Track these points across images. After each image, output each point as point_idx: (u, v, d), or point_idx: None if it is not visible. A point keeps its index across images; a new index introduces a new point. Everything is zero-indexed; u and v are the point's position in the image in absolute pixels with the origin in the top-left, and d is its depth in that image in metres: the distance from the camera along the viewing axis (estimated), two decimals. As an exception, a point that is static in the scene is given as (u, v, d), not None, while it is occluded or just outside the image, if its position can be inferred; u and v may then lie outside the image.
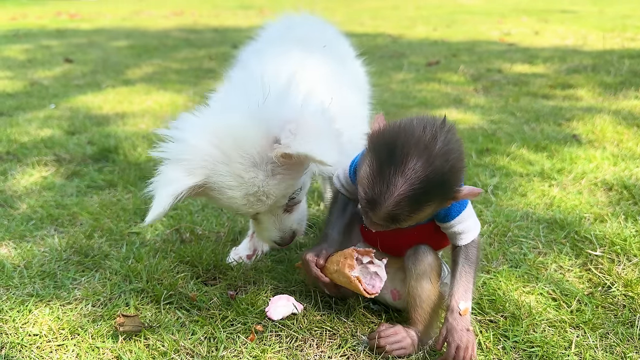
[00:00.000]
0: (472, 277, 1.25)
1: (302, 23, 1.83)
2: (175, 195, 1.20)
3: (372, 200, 1.07)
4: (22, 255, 1.72)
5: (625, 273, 1.56)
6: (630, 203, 2.02)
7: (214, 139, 1.21)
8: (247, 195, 1.23)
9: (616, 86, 3.93)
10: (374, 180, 1.06)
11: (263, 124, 1.21)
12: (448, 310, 1.23)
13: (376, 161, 1.06)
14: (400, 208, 1.05)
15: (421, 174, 1.02)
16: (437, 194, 1.06)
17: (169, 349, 1.27)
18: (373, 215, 1.10)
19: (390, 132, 1.09)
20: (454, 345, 1.18)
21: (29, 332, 1.34)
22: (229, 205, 1.28)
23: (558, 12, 10.29)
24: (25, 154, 2.67)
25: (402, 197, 1.03)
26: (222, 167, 1.21)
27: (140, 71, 5.11)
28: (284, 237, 1.39)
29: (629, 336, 1.32)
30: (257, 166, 1.22)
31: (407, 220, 1.08)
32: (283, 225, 1.37)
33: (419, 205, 1.06)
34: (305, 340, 1.32)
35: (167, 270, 1.59)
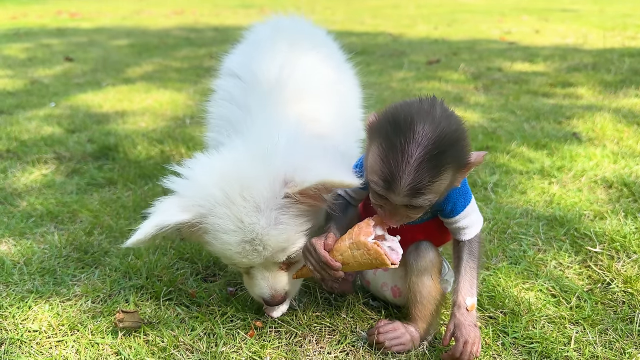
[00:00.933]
0: (477, 272, 1.25)
1: (291, 26, 1.80)
2: (160, 227, 1.17)
3: (390, 177, 1.02)
4: (21, 252, 1.72)
5: (625, 270, 1.56)
6: (630, 200, 2.02)
7: (220, 181, 1.18)
8: (244, 242, 1.17)
9: (616, 84, 3.92)
10: (387, 155, 1.02)
11: (272, 169, 1.17)
12: (455, 305, 1.23)
13: (383, 140, 1.03)
14: (420, 174, 1.01)
15: (432, 135, 1.00)
16: (452, 153, 1.03)
17: (169, 345, 1.27)
18: (393, 195, 1.04)
19: (388, 112, 1.07)
20: (462, 341, 1.19)
21: (29, 328, 1.35)
22: (222, 253, 1.22)
23: (558, 11, 10.28)
24: (26, 152, 2.68)
25: (419, 162, 1.00)
26: (222, 210, 1.17)
27: (141, 70, 5.11)
28: (274, 296, 1.28)
29: (629, 332, 1.32)
30: (260, 212, 1.16)
31: (429, 190, 1.03)
32: (275, 282, 1.27)
33: (438, 167, 1.01)
34: (304, 336, 1.32)
35: (166, 266, 1.59)
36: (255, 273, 1.27)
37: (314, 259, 1.19)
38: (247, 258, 1.20)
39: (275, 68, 1.43)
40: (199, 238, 1.25)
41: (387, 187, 1.04)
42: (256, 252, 1.19)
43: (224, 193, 1.17)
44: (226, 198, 1.17)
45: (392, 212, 1.11)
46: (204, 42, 6.93)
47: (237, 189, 1.16)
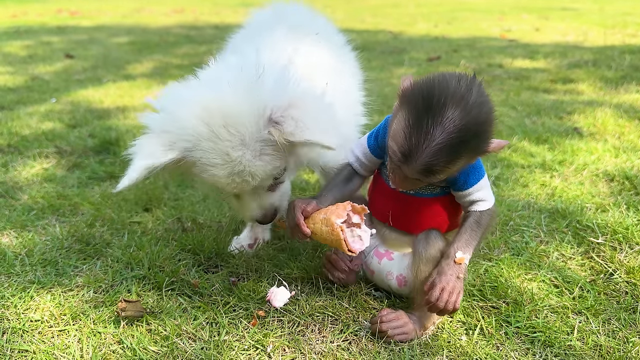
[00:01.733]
0: (477, 237, 1.24)
1: (292, 11, 1.81)
2: (150, 169, 1.17)
3: (409, 152, 1.05)
4: (23, 244, 1.72)
5: (628, 260, 1.56)
6: (632, 193, 2.02)
7: (203, 114, 1.17)
8: (232, 174, 1.20)
9: (617, 80, 3.92)
10: (410, 131, 1.04)
11: (258, 104, 1.18)
12: (443, 256, 1.23)
13: (413, 114, 1.05)
14: (437, 158, 1.03)
15: (459, 123, 1.01)
16: (473, 145, 1.06)
17: (171, 334, 1.27)
18: (407, 168, 1.08)
19: (425, 85, 1.08)
20: (439, 287, 1.18)
21: (31, 317, 1.34)
22: (212, 184, 1.26)
23: (559, 10, 10.28)
24: (27, 147, 2.67)
25: (440, 147, 1.02)
26: (207, 144, 1.17)
27: (141, 66, 5.11)
28: (265, 215, 1.35)
29: (632, 321, 1.32)
30: (246, 145, 1.18)
31: (441, 172, 1.07)
32: (264, 202, 1.34)
33: (455, 155, 1.04)
34: (307, 325, 1.32)
35: (168, 257, 1.59)
36: (244, 197, 1.32)
37: (290, 219, 1.27)
38: (237, 188, 1.24)
39: (276, 52, 1.42)
40: (184, 171, 1.27)
41: (403, 160, 1.07)
42: (245, 182, 1.22)
43: (209, 128, 1.16)
44: (211, 132, 1.16)
45: (402, 179, 1.14)
46: (204, 39, 6.92)
47: (221, 123, 1.16)
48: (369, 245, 1.44)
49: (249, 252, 1.66)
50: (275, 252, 1.66)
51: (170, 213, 1.94)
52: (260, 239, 1.73)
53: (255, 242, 1.71)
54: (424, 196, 1.28)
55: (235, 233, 1.78)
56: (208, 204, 2.02)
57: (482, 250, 1.65)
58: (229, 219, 1.89)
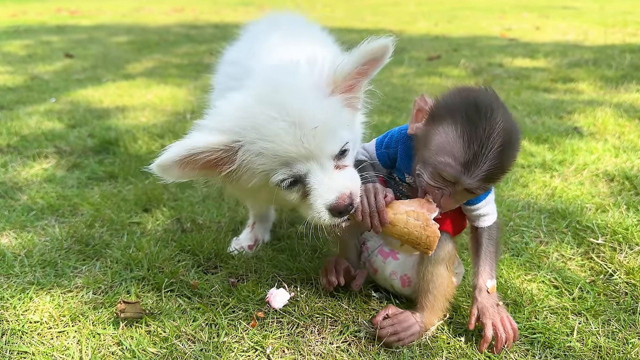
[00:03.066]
0: (496, 256, 1.28)
1: (286, 21, 1.80)
2: (189, 149, 1.07)
3: (473, 159, 1.05)
4: (22, 244, 1.71)
5: (627, 261, 1.55)
6: (632, 194, 2.01)
7: (245, 100, 1.12)
8: (292, 126, 1.07)
9: (617, 80, 3.92)
10: (469, 139, 1.04)
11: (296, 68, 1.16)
12: (476, 289, 1.26)
13: (464, 124, 1.05)
14: (500, 163, 1.05)
15: (508, 127, 1.05)
16: (519, 148, 1.11)
17: (170, 335, 1.26)
18: (468, 178, 1.06)
19: (462, 95, 1.12)
20: (489, 323, 1.21)
21: (30, 319, 1.34)
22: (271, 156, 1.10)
23: (559, 8, 10.27)
24: (26, 147, 2.67)
25: (501, 151, 1.04)
26: (257, 108, 1.09)
27: (141, 66, 5.10)
28: (340, 197, 1.13)
29: (631, 322, 1.32)
30: (305, 94, 1.12)
31: (500, 178, 1.10)
32: (335, 182, 1.14)
33: (512, 159, 1.08)
34: (306, 326, 1.32)
35: (168, 258, 1.59)
36: (312, 180, 1.14)
37: (369, 202, 1.16)
38: (303, 147, 1.09)
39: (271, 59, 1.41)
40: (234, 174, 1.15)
41: (464, 169, 1.06)
42: (310, 137, 1.09)
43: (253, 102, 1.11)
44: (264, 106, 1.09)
45: (451, 196, 1.12)
46: (204, 39, 6.92)
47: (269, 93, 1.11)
48: (374, 244, 1.44)
49: (249, 253, 1.66)
50: (274, 253, 1.66)
51: (170, 214, 1.94)
52: (260, 239, 1.73)
53: (255, 243, 1.71)
54: None
55: (234, 234, 1.77)
56: (207, 204, 2.02)
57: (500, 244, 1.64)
58: (228, 220, 1.89)
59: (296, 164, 1.12)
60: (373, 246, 1.45)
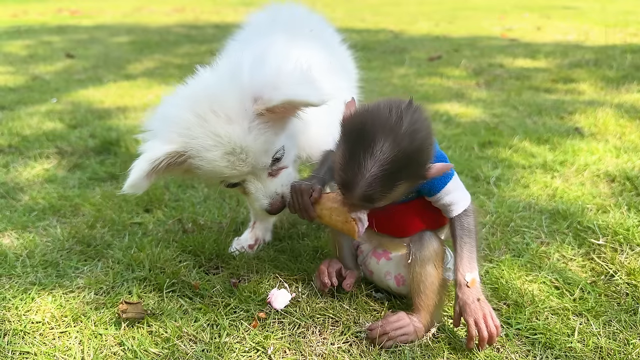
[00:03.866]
0: (473, 246, 1.25)
1: (286, 11, 1.82)
2: (152, 161, 1.20)
3: (346, 183, 1.10)
4: (24, 245, 1.72)
5: (629, 262, 1.56)
6: (633, 194, 2.02)
7: (191, 105, 1.22)
8: (226, 154, 1.21)
9: (618, 80, 3.92)
10: (346, 164, 1.09)
11: (238, 83, 1.21)
12: (456, 285, 1.24)
13: (347, 146, 1.09)
14: (373, 188, 1.07)
15: (389, 155, 1.04)
16: (407, 173, 1.09)
17: (172, 335, 1.27)
18: (349, 197, 1.13)
19: (358, 116, 1.12)
20: (471, 320, 1.20)
21: (32, 319, 1.35)
22: (212, 172, 1.25)
23: (560, 8, 10.26)
24: (27, 147, 2.67)
25: (373, 179, 1.05)
26: (198, 130, 1.20)
27: (142, 66, 5.11)
28: (272, 203, 1.31)
29: (632, 323, 1.32)
30: (233, 122, 1.20)
31: (381, 199, 1.10)
32: (268, 189, 1.31)
33: (391, 184, 1.07)
34: (307, 327, 1.32)
35: (169, 259, 1.59)
36: (249, 187, 1.31)
37: (297, 202, 1.28)
38: (237, 169, 1.24)
39: None
40: (190, 171, 1.29)
41: (344, 191, 1.13)
42: (241, 161, 1.22)
43: (196, 114, 1.20)
44: (200, 118, 1.20)
45: (351, 205, 1.18)
46: (204, 39, 6.92)
47: (207, 107, 1.20)
48: (367, 247, 1.44)
49: (250, 254, 1.66)
50: (276, 254, 1.66)
51: (171, 214, 1.94)
52: (261, 240, 1.73)
53: (256, 243, 1.72)
54: (402, 202, 1.27)
55: (236, 234, 1.78)
56: (209, 204, 2.03)
57: (482, 252, 1.65)
58: (229, 220, 1.89)
59: (233, 179, 1.29)
60: (367, 249, 1.45)
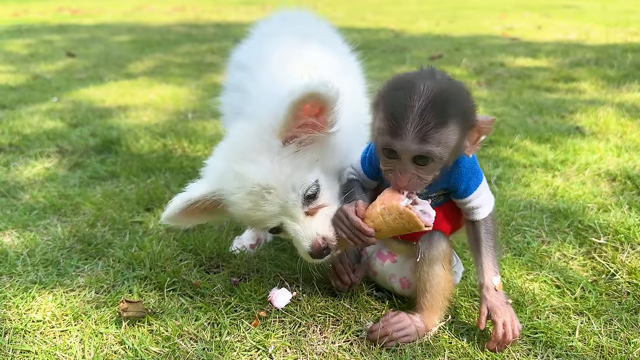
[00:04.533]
0: (495, 250, 1.26)
1: (295, 18, 1.81)
2: (186, 200, 1.24)
3: (397, 123, 1.04)
4: (25, 243, 1.72)
5: (630, 261, 1.55)
6: (634, 193, 2.01)
7: (224, 152, 1.28)
8: (249, 194, 1.17)
9: (619, 79, 3.91)
10: (392, 110, 1.05)
11: (257, 119, 1.22)
12: (483, 287, 1.24)
13: (388, 100, 1.07)
14: (426, 120, 1.02)
15: (433, 88, 1.04)
16: (456, 106, 1.05)
17: (173, 334, 1.27)
18: (401, 141, 1.04)
19: (391, 80, 1.13)
20: (500, 323, 1.20)
21: (33, 318, 1.35)
22: (243, 216, 1.24)
23: (560, 7, 10.25)
24: (28, 146, 2.67)
25: (424, 109, 1.02)
26: (227, 174, 1.22)
27: (143, 65, 5.10)
28: (314, 244, 1.20)
29: (634, 322, 1.32)
30: (255, 160, 1.17)
31: (435, 138, 1.03)
32: (307, 230, 1.21)
33: (443, 117, 1.03)
34: (308, 326, 1.32)
35: (170, 257, 1.59)
36: (288, 230, 1.23)
37: (347, 226, 1.18)
38: (262, 210, 1.19)
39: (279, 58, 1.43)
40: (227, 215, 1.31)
41: (393, 133, 1.05)
42: (265, 199, 1.17)
43: (226, 159, 1.24)
44: (227, 165, 1.22)
45: (402, 171, 1.10)
46: (205, 38, 6.92)
47: (234, 154, 1.22)
48: (372, 248, 1.44)
49: (251, 253, 1.66)
50: (276, 253, 1.66)
51: (172, 213, 1.94)
52: (262, 239, 1.73)
53: (257, 242, 1.71)
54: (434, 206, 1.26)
55: (236, 233, 1.78)
56: (209, 203, 2.02)
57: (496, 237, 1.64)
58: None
59: (267, 222, 1.22)
60: (372, 250, 1.45)
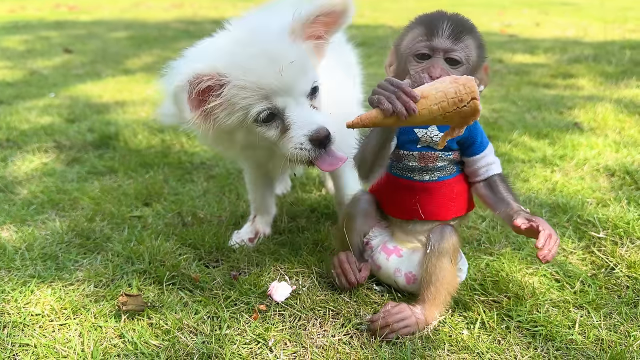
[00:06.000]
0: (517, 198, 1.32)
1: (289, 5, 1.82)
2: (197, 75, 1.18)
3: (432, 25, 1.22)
4: (23, 238, 1.71)
5: (629, 255, 1.56)
6: (633, 188, 2.02)
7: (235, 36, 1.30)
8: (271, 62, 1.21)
9: (617, 75, 3.91)
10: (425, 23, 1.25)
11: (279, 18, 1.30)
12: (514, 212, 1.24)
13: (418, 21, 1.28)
14: (457, 22, 1.22)
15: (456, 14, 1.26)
16: (475, 30, 1.26)
17: (172, 327, 1.26)
18: (437, 38, 1.21)
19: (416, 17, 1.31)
20: (547, 232, 1.15)
21: (31, 312, 1.34)
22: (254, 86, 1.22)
23: (559, 4, 10.25)
24: (26, 141, 2.66)
25: (452, 16, 1.24)
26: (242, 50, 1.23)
27: (140, 61, 5.09)
28: (321, 128, 1.23)
29: (633, 316, 1.32)
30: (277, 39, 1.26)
31: (467, 37, 1.22)
32: (314, 116, 1.26)
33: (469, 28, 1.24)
34: (308, 319, 1.32)
35: (169, 252, 1.59)
36: (292, 115, 1.25)
37: (389, 89, 1.06)
38: (282, 80, 1.21)
39: None
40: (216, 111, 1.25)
41: (430, 36, 1.22)
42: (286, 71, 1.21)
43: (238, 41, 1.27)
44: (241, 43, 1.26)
45: (435, 65, 1.21)
46: (203, 34, 6.79)
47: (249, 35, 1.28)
48: (377, 242, 1.43)
49: (250, 247, 1.65)
50: (276, 247, 1.65)
51: (171, 208, 1.93)
52: (261, 233, 1.73)
53: (256, 236, 1.71)
54: (445, 179, 1.33)
55: (235, 227, 1.77)
56: (208, 198, 2.02)
57: (482, 245, 1.65)
58: (229, 214, 1.89)
59: (275, 98, 1.24)
60: (376, 243, 1.44)
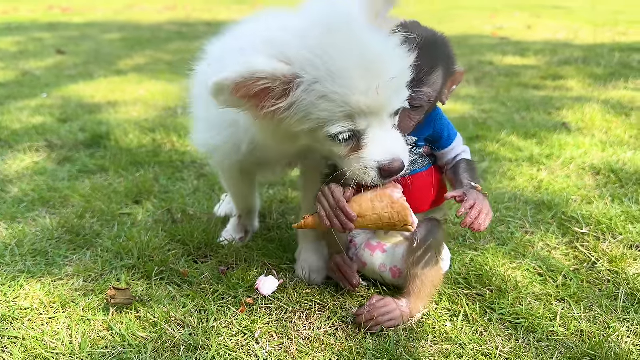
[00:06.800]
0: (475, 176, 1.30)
1: None
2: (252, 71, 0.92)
3: None
4: (13, 234, 1.72)
5: (611, 250, 1.59)
6: (617, 186, 2.05)
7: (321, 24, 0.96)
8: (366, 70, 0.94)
9: (606, 77, 3.96)
10: None
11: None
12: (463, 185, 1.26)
13: None
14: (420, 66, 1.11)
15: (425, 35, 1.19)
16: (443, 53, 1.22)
17: (160, 320, 1.28)
18: None
19: None
20: (470, 202, 1.16)
21: (21, 305, 1.35)
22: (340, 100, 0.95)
23: (550, 8, 10.34)
24: (17, 141, 2.67)
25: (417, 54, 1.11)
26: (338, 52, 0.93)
27: (133, 62, 5.10)
28: (395, 160, 1.05)
29: (613, 308, 1.35)
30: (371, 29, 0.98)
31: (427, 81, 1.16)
32: (394, 144, 1.06)
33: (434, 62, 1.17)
34: (295, 312, 1.34)
35: (158, 247, 1.60)
36: (371, 137, 1.03)
37: (329, 203, 1.12)
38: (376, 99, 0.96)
39: None
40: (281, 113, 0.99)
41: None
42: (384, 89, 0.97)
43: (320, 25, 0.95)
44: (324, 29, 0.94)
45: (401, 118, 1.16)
46: (195, 36, 6.90)
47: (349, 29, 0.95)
48: (361, 239, 1.45)
49: (239, 243, 1.67)
50: (264, 243, 1.67)
51: (160, 205, 1.95)
52: (249, 230, 1.74)
53: (246, 235, 1.72)
54: (419, 171, 1.32)
55: (225, 224, 1.79)
56: (198, 196, 2.04)
57: (467, 241, 1.67)
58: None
59: (360, 118, 1.00)
60: (360, 241, 1.46)
